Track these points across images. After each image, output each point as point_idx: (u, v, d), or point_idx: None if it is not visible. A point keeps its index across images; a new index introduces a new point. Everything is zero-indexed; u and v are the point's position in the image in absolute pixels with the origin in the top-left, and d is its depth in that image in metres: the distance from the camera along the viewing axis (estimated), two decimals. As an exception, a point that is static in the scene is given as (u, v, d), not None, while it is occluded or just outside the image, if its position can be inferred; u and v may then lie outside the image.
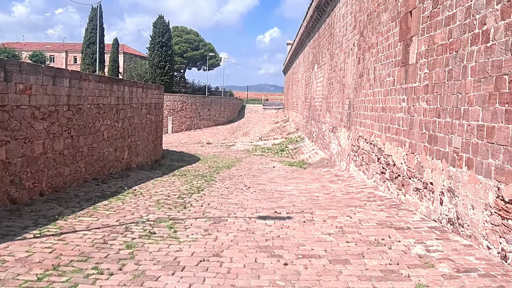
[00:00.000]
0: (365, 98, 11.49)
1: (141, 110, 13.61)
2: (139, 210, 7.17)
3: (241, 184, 10.95)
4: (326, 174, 13.84)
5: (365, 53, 11.75)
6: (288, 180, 12.34)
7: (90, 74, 9.46)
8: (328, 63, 18.72)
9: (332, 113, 17.11)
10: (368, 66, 11.32)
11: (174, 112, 39.93)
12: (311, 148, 21.90)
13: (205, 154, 23.13)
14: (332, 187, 10.87)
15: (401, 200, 8.21)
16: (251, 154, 23.17)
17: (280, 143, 28.77)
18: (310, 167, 16.30)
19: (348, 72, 14.12)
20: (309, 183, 11.74)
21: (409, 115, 7.94)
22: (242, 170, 14.94)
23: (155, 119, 15.46)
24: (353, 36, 13.45)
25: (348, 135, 13.62)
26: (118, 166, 11.67)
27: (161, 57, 46.91)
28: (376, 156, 10.22)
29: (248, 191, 9.92)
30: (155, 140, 15.66)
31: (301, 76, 33.11)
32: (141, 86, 13.48)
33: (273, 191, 9.96)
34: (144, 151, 14.23)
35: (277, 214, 7.32)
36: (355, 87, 12.86)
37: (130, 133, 12.59)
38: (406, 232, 6.08)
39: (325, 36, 20.03)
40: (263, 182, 11.72)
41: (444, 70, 6.53)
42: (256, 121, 53.49)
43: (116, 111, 11.34)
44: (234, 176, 12.75)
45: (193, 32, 67.73)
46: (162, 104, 17.36)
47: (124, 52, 68.80)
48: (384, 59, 9.81)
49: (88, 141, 9.65)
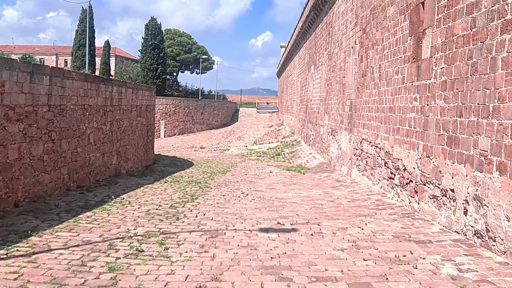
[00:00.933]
0: (369, 98, 10.82)
1: (131, 113, 12.83)
2: (126, 223, 6.40)
3: (238, 191, 10.21)
4: (327, 179, 13.14)
5: (368, 50, 11.09)
6: (287, 186, 11.61)
7: (74, 72, 8.68)
8: (326, 64, 18.07)
9: (331, 115, 16.44)
10: (372, 64, 10.66)
11: (166, 115, 39.07)
12: (308, 152, 21.22)
13: (198, 159, 22.36)
14: (336, 193, 10.16)
15: (414, 208, 7.51)
16: (246, 159, 22.43)
17: (275, 147, 28.06)
18: (309, 172, 15.60)
19: (349, 71, 13.47)
20: (310, 189, 11.02)
21: (423, 115, 7.26)
22: (238, 175, 14.20)
23: (146, 122, 14.68)
24: (354, 33, 12.80)
25: (350, 138, 12.94)
26: (105, 172, 10.87)
27: (153, 59, 46.02)
28: (382, 160, 9.54)
29: (246, 199, 9.18)
30: (146, 145, 14.87)
31: (296, 78, 32.47)
32: (131, 87, 12.71)
33: (273, 199, 9.23)
34: (135, 156, 13.44)
35: (280, 225, 6.59)
36: (357, 87, 12.20)
37: (119, 136, 11.81)
38: (428, 246, 5.37)
39: (322, 36, 19.40)
40: (262, 188, 10.99)
41: (466, 64, 5.85)
42: (250, 124, 52.76)
43: (103, 112, 10.56)
44: (230, 182, 12.00)
45: (186, 35, 66.92)
46: (154, 107, 16.58)
47: (116, 55, 67.83)
48: (391, 55, 9.14)
49: (72, 145, 8.86)
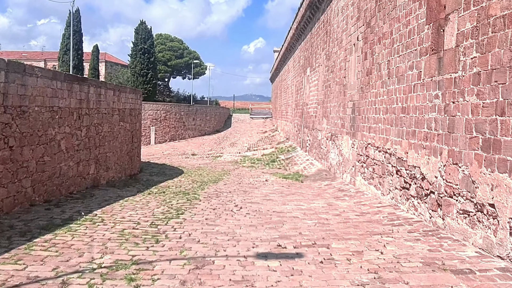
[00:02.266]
0: (376, 98, 9.74)
1: (112, 117, 11.63)
2: (92, 248, 5.20)
3: (230, 204, 9.04)
4: (328, 188, 12.00)
5: (374, 46, 10.02)
6: (285, 196, 10.46)
7: (37, 68, 7.48)
8: (323, 64, 17.01)
9: (330, 119, 15.35)
10: (379, 61, 9.59)
11: (157, 121, 37.78)
12: (305, 158, 20.10)
13: (189, 166, 21.15)
14: (341, 205, 9.02)
15: (438, 224, 6.39)
16: (240, 166, 21.26)
17: (270, 153, 26.93)
18: (307, 180, 14.46)
19: (351, 71, 12.39)
20: (312, 200, 9.87)
21: (447, 114, 6.16)
22: (231, 184, 13.03)
23: (130, 128, 13.48)
24: (357, 29, 11.74)
25: (353, 143, 11.83)
26: (81, 183, 9.65)
27: (144, 64, 44.76)
28: (393, 167, 8.43)
29: (240, 213, 8.01)
30: (130, 152, 13.66)
31: (291, 82, 31.44)
32: (111, 88, 11.52)
33: (271, 213, 8.07)
34: (117, 165, 12.22)
35: (281, 249, 5.43)
36: (361, 87, 11.12)
37: (97, 143, 10.60)
38: (471, 279, 4.24)
39: (319, 36, 18.36)
40: (257, 200, 9.83)
41: (510, 50, 4.77)
42: (243, 130, 51.60)
43: (78, 116, 9.36)
44: (222, 193, 10.83)
45: (177, 40, 65.75)
46: (140, 111, 15.40)
47: (106, 61, 66.46)
48: (403, 49, 8.07)
49: (37, 153, 7.65)
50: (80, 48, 41.28)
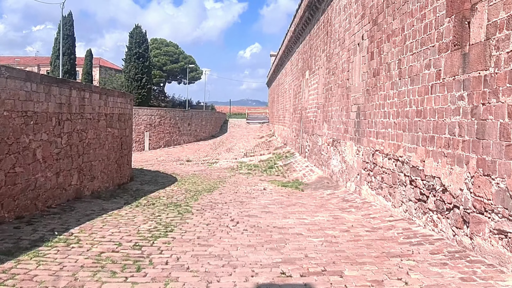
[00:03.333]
0: (385, 101, 8.93)
1: (98, 122, 10.76)
2: (58, 281, 4.32)
3: (226, 217, 8.17)
4: (332, 198, 11.15)
5: (382, 44, 9.23)
6: (286, 208, 9.60)
7: (4, 67, 6.60)
8: (324, 67, 16.22)
9: (331, 124, 14.54)
10: (388, 60, 8.79)
11: (151, 127, 36.85)
12: (305, 164, 19.26)
13: (183, 173, 20.25)
14: (348, 218, 8.17)
15: (464, 244, 5.55)
16: (236, 173, 20.38)
17: (267, 159, 26.06)
18: (308, 188, 13.61)
19: (355, 72, 11.60)
20: (315, 212, 9.02)
21: (476, 118, 5.34)
22: (227, 194, 12.15)
23: (119, 134, 12.59)
24: (361, 27, 10.96)
25: (358, 150, 11.01)
26: (61, 195, 8.76)
27: (138, 69, 43.84)
28: (407, 177, 7.60)
29: (237, 229, 7.15)
30: (119, 159, 12.77)
31: (289, 86, 30.66)
32: (97, 92, 10.65)
33: (271, 228, 7.21)
34: (104, 174, 11.33)
35: (285, 278, 4.56)
36: (367, 89, 10.31)
37: (81, 151, 9.72)
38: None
39: (319, 37, 17.58)
40: (255, 212, 8.96)
41: (562, 40, 3.96)
42: (240, 136, 50.73)
43: (57, 122, 8.48)
44: (217, 204, 9.96)
45: (173, 45, 64.90)
46: (131, 116, 14.52)
47: (101, 66, 65.50)
48: (418, 46, 7.27)
49: (7, 164, 6.76)
50: (72, 53, 40.33)
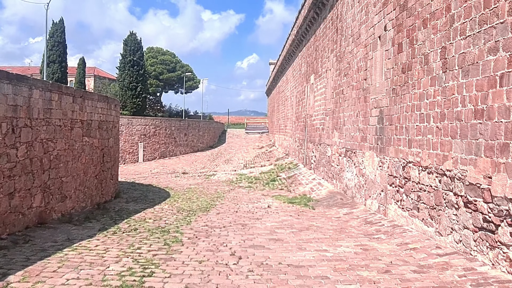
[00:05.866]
0: (421, 101, 7.21)
1: (71, 130, 8.99)
2: None
3: (225, 250, 6.37)
4: (351, 219, 9.36)
5: (415, 33, 7.54)
6: (299, 234, 7.80)
7: None
8: (333, 68, 14.54)
9: (343, 132, 12.81)
10: (425, 51, 7.09)
11: (146, 137, 35.04)
12: (311, 177, 17.47)
13: (178, 187, 18.42)
14: (381, 250, 6.38)
15: None
16: (236, 186, 18.56)
17: (269, 171, 24.25)
18: (319, 205, 11.81)
19: (375, 70, 9.90)
20: (336, 240, 7.23)
21: None
22: (226, 214, 10.34)
23: (100, 144, 10.81)
24: (383, 16, 9.28)
25: (381, 161, 9.26)
26: (17, 222, 6.95)
27: (132, 77, 42.11)
28: (460, 197, 5.84)
29: (239, 269, 5.35)
30: (100, 174, 10.97)
31: (290, 93, 28.99)
32: (70, 93, 8.89)
33: (285, 268, 5.42)
34: (79, 192, 9.52)
35: None
36: (393, 88, 8.60)
37: (46, 165, 7.93)
38: None
39: (326, 36, 15.93)
40: (261, 240, 7.17)
41: None
42: (239, 146, 48.94)
43: (10, 129, 6.71)
44: (213, 229, 8.16)
45: (169, 53, 63.33)
46: (116, 124, 12.76)
47: (95, 75, 63.82)
48: (475, 26, 5.56)
49: None
50: (64, 60, 38.60)
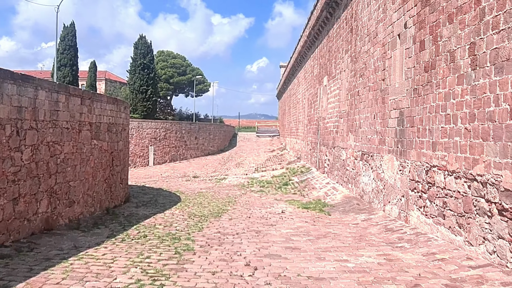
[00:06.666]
0: (446, 101, 6.77)
1: (79, 133, 8.71)
2: None
3: (239, 260, 5.99)
4: (370, 226, 8.92)
5: (439, 29, 7.11)
6: (316, 242, 7.39)
7: None
8: (348, 69, 14.12)
9: (359, 134, 12.37)
10: (450, 47, 6.66)
11: (156, 141, 34.87)
12: (325, 181, 17.03)
13: (189, 191, 18.11)
14: (406, 261, 5.94)
15: None
16: (248, 190, 18.19)
17: (281, 174, 23.85)
18: (335, 211, 11.38)
19: (394, 70, 9.47)
20: (356, 249, 6.81)
21: None
22: (238, 220, 9.97)
23: (109, 147, 10.53)
24: (403, 13, 8.86)
25: (401, 165, 8.82)
26: (22, 228, 6.66)
27: (143, 80, 42.05)
28: (492, 204, 5.40)
29: (255, 281, 4.97)
30: (109, 178, 10.68)
31: (302, 95, 28.58)
32: (78, 95, 8.62)
33: (305, 281, 5.02)
34: (87, 196, 9.23)
35: None
36: (414, 88, 8.17)
37: (53, 169, 7.65)
38: None
39: (340, 36, 15.52)
40: (277, 249, 6.78)
41: None
42: (249, 150, 48.57)
43: (14, 131, 6.44)
44: (226, 236, 7.79)
45: (180, 57, 63.29)
46: (126, 126, 12.49)
47: (106, 79, 64.12)
48: (510, 19, 5.13)
49: None
50: (74, 64, 38.62)
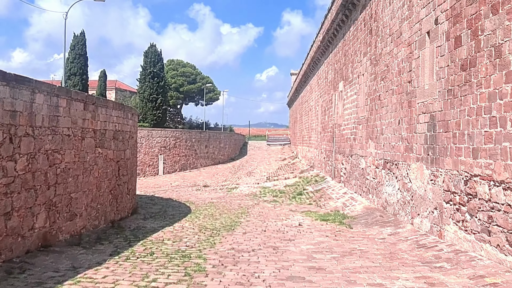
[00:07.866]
0: (491, 102, 6.00)
1: (82, 140, 8.06)
2: None
3: (257, 282, 5.24)
4: (398, 241, 8.09)
5: (479, 22, 6.36)
6: (342, 260, 6.59)
7: None
8: (367, 73, 13.36)
9: (381, 141, 11.58)
10: (495, 41, 5.91)
11: (166, 149, 34.31)
12: (341, 191, 16.20)
13: (199, 201, 17.40)
14: (451, 286, 5.13)
15: None
16: (260, 200, 17.42)
17: (294, 183, 23.03)
18: (356, 223, 10.56)
19: (423, 70, 8.70)
20: (389, 269, 6.00)
21: None
22: (253, 234, 9.21)
23: (115, 156, 9.88)
24: (433, 8, 8.12)
25: (433, 174, 8.01)
26: (15, 246, 5.98)
27: (153, 89, 41.70)
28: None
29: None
30: (115, 189, 10.01)
31: (315, 102, 27.83)
32: (80, 99, 7.98)
33: (337, 312, 4.24)
34: (91, 209, 8.56)
35: None
36: (448, 89, 7.40)
37: (52, 179, 6.99)
38: None
39: (358, 39, 14.80)
40: (299, 269, 6.01)
41: None
42: (260, 158, 47.82)
43: (8, 138, 5.79)
44: (241, 253, 7.04)
45: (190, 65, 63.01)
46: (133, 134, 11.86)
47: (117, 88, 63.95)
48: None
49: None
50: (84, 73, 38.36)
